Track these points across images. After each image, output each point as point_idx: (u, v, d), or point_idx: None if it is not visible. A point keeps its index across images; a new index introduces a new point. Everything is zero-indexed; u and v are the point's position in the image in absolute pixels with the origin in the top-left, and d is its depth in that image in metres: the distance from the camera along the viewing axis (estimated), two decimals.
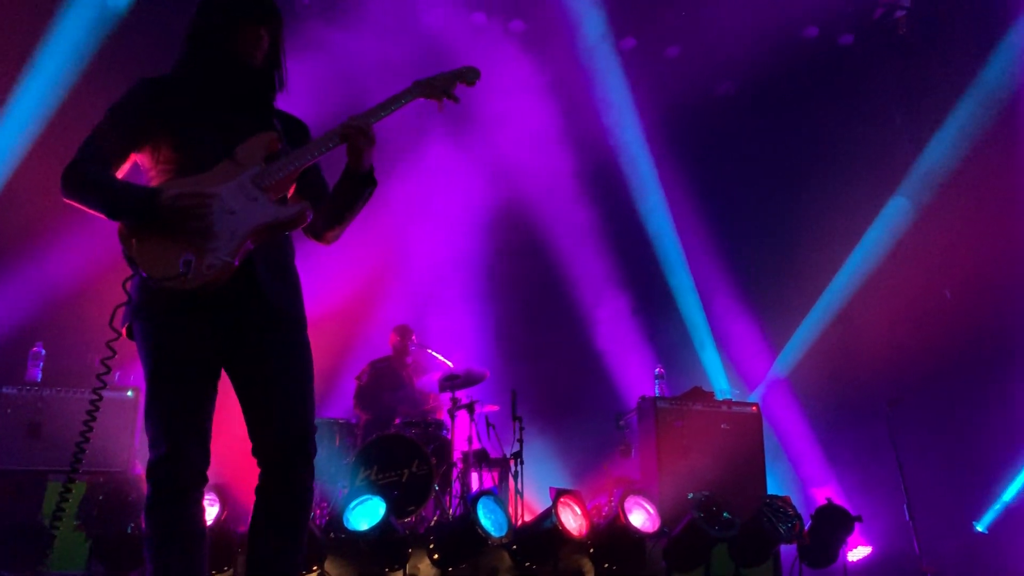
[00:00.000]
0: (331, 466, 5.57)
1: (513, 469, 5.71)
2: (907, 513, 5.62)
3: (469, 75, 2.68)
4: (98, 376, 2.27)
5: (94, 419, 2.28)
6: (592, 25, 7.27)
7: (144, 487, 2.26)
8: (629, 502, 4.97)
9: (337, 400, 7.03)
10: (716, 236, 7.92)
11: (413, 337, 6.64)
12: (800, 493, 7.17)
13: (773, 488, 6.56)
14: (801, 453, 7.47)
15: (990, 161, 6.79)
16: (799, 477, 7.39)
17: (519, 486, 5.66)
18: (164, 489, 2.24)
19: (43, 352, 5.40)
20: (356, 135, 2.46)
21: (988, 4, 6.86)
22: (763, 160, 8.05)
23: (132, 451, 5.16)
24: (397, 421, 5.88)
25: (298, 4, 7.40)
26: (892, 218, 7.49)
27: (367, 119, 2.47)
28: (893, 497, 5.83)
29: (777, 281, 7.82)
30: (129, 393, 5.25)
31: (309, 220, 2.41)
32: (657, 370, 6.47)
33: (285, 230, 2.41)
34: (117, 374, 5.57)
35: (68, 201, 2.31)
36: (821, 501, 5.24)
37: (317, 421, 5.61)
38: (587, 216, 7.77)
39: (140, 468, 5.19)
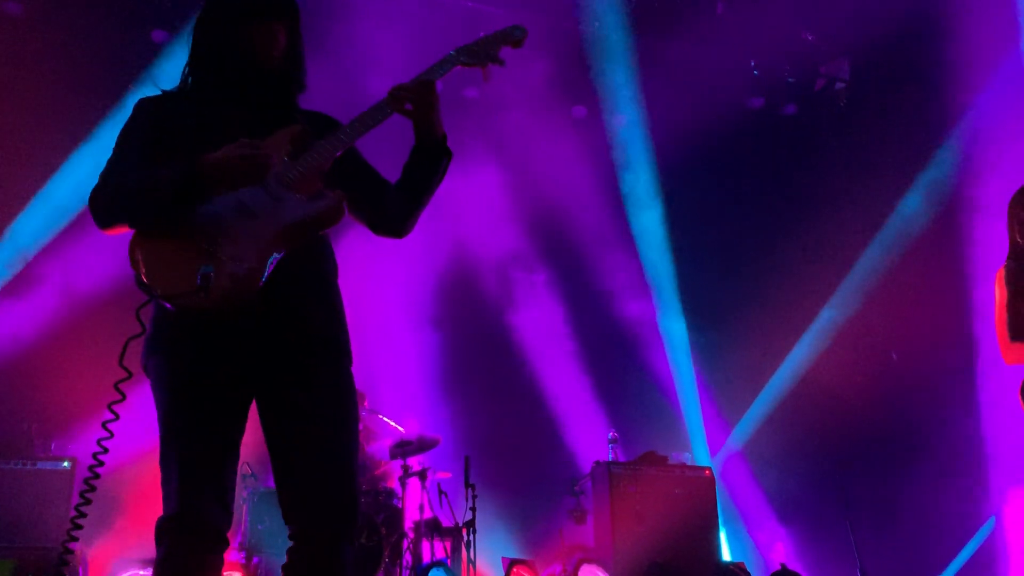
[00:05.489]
0: (276, 538, 5.38)
1: (466, 538, 5.59)
2: None
3: (516, 34, 2.32)
4: (103, 424, 1.96)
5: (97, 475, 2.02)
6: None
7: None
8: (584, 571, 4.90)
9: None
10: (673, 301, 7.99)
11: (365, 403, 6.53)
12: (754, 558, 7.13)
13: (728, 554, 6.53)
14: (756, 519, 7.44)
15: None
16: (754, 541, 7.36)
17: (472, 556, 5.52)
18: (175, 554, 1.97)
19: None
20: (419, 94, 2.18)
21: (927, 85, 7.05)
22: (720, 227, 8.13)
23: (68, 525, 4.94)
24: None
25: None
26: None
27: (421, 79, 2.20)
28: (846, 560, 5.83)
29: (731, 351, 7.89)
30: (65, 464, 5.04)
31: (345, 213, 2.11)
32: (611, 434, 6.44)
33: (320, 228, 2.12)
34: (53, 443, 5.38)
35: (107, 230, 2.07)
36: (776, 565, 5.22)
37: (262, 491, 5.48)
38: (540, 276, 7.80)
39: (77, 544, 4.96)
